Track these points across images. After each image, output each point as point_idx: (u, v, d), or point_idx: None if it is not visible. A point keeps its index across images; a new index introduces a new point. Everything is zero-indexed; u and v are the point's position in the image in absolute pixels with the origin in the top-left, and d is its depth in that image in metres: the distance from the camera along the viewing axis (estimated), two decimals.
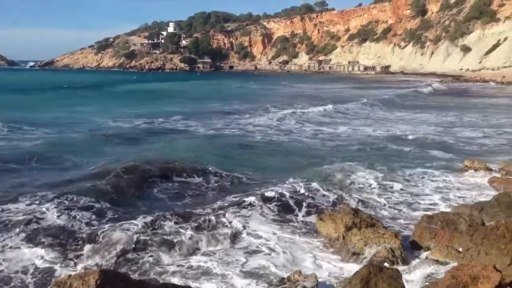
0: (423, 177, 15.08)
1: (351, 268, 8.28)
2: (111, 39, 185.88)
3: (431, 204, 12.33)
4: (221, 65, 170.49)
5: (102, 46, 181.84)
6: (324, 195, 13.09)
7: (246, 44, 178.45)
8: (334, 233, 9.78)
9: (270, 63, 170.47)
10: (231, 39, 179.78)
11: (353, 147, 20.85)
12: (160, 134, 24.22)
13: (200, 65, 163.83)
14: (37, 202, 11.38)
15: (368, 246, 9.11)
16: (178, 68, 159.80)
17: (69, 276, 6.35)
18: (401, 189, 13.84)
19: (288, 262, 8.77)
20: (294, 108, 36.95)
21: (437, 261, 8.52)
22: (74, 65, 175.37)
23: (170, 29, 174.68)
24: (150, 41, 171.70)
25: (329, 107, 37.54)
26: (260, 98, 49.63)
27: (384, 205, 12.39)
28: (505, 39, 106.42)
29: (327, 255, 9.23)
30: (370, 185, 14.15)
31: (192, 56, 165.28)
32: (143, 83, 79.34)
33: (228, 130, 26.12)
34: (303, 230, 10.48)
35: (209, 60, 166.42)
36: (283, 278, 8.00)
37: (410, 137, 23.38)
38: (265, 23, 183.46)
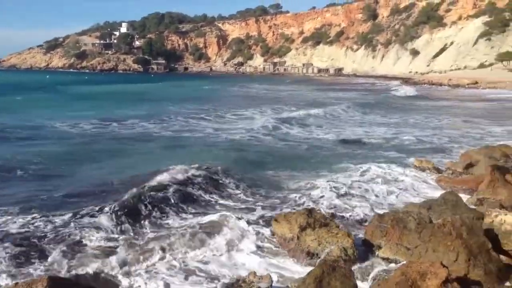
0: (374, 177, 15.46)
1: (305, 267, 8.38)
2: (61, 39, 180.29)
3: (381, 203, 12.65)
4: (176, 66, 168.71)
5: (52, 46, 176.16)
6: (281, 195, 13.21)
7: (201, 45, 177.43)
8: (289, 234, 9.85)
9: (225, 64, 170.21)
10: (185, 40, 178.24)
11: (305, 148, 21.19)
12: (115, 138, 23.70)
13: (154, 66, 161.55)
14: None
15: (321, 246, 9.24)
16: (131, 69, 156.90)
17: (16, 283, 6.12)
18: (352, 188, 14.16)
19: (243, 263, 8.77)
20: (270, 110, 37.03)
21: (388, 259, 8.75)
22: (22, 65, 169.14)
23: (123, 29, 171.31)
24: (102, 41, 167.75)
25: (315, 111, 36.63)
26: (218, 100, 49.51)
27: (337, 205, 12.61)
28: (451, 43, 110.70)
29: (282, 255, 9.29)
30: (324, 186, 14.38)
31: (146, 57, 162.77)
32: (96, 85, 77.38)
33: (189, 133, 25.87)
34: (258, 231, 10.52)
35: (164, 61, 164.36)
36: (238, 280, 8.00)
37: (366, 139, 23.94)
38: (220, 25, 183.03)
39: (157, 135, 24.79)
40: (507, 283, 7.42)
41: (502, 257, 7.91)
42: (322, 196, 13.14)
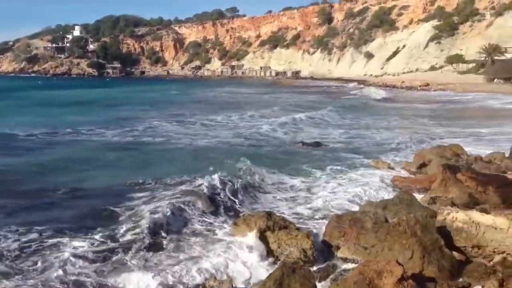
0: (332, 178, 15.72)
1: (265, 270, 8.39)
2: (11, 43, 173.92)
3: (339, 204, 12.84)
4: (132, 70, 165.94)
5: (1, 50, 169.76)
6: (238, 199, 13.20)
7: (158, 49, 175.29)
8: (248, 237, 9.87)
9: (182, 68, 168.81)
10: (141, 44, 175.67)
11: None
12: (68, 144, 23.03)
13: (110, 71, 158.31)
14: None
15: (281, 248, 9.30)
16: (85, 73, 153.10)
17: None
18: (311, 189, 14.37)
19: (203, 268, 8.69)
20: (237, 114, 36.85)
21: (346, 259, 8.90)
22: None
23: (76, 32, 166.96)
24: (54, 45, 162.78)
25: (300, 116, 35.99)
26: (176, 104, 49.06)
27: (297, 206, 12.73)
28: (404, 46, 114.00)
29: (242, 258, 9.27)
30: (283, 188, 14.50)
31: (101, 61, 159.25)
32: (50, 90, 74.99)
33: (147, 137, 25.44)
34: (218, 234, 10.48)
35: (119, 65, 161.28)
36: (198, 285, 7.94)
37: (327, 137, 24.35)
38: (176, 28, 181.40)
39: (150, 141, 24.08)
40: (460, 279, 7.69)
41: (454, 253, 8.18)
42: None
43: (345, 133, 27.51)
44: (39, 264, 8.59)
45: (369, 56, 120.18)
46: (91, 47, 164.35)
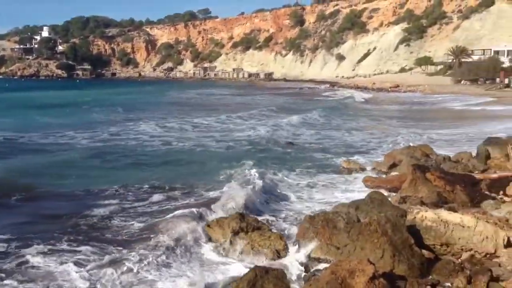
0: (304, 178, 15.85)
1: (239, 271, 8.40)
2: None
3: (311, 204, 12.93)
4: (103, 72, 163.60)
5: None
6: (212, 199, 13.17)
7: (129, 50, 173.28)
8: (222, 239, 9.87)
9: (154, 70, 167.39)
10: (112, 45, 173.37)
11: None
12: (34, 147, 22.49)
13: (80, 72, 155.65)
14: None
15: (254, 249, 9.32)
16: (55, 75, 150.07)
17: None
18: (284, 189, 14.45)
19: (175, 271, 8.64)
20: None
21: (319, 259, 8.96)
22: None
23: (45, 33, 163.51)
24: (22, 46, 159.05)
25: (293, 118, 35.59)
26: (149, 106, 48.57)
27: (269, 207, 12.77)
28: (374, 48, 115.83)
29: (216, 260, 9.26)
30: (256, 188, 14.52)
31: (70, 62, 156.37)
32: (18, 92, 73.16)
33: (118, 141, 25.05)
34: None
35: (89, 67, 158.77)
36: None
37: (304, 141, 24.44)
38: (148, 30, 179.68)
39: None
40: (429, 277, 7.84)
41: (424, 251, 8.35)
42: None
43: (326, 134, 27.67)
44: None
45: (341, 58, 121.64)
46: (60, 48, 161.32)
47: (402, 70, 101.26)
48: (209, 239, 10.08)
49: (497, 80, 63.62)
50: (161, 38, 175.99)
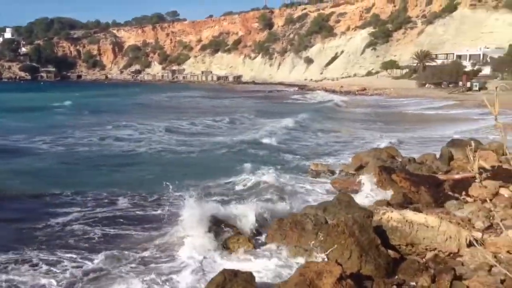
0: (270, 183, 15.90)
1: (207, 276, 8.35)
2: None
3: (280, 206, 12.95)
4: (68, 74, 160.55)
5: None
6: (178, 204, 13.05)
7: (95, 52, 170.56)
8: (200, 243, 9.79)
9: (121, 72, 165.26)
10: (78, 47, 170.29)
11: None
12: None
13: (44, 74, 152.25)
14: None
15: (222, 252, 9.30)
16: (17, 77, 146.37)
17: None
18: (251, 190, 14.49)
19: (142, 279, 8.52)
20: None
21: (288, 261, 9.01)
22: None
23: (7, 35, 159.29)
24: None
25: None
26: (117, 109, 47.81)
27: (237, 208, 12.74)
28: (342, 52, 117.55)
29: (183, 264, 9.18)
30: (225, 190, 14.50)
31: (34, 64, 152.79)
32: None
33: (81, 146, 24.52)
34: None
35: (54, 69, 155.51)
36: None
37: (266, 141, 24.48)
38: (115, 31, 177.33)
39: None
40: (395, 276, 7.98)
41: (390, 251, 8.49)
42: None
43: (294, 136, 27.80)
44: None
45: (309, 61, 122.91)
46: (24, 50, 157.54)
47: (369, 73, 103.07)
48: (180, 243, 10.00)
49: (460, 83, 65.45)
50: (128, 40, 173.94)
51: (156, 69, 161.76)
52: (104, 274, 8.56)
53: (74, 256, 9.32)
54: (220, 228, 9.96)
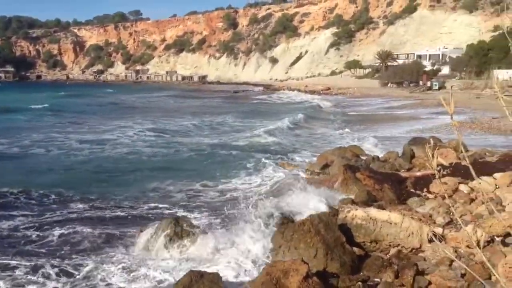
0: (240, 180, 15.92)
1: (174, 277, 8.28)
2: None
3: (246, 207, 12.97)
4: (27, 74, 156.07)
5: None
6: (147, 205, 12.90)
7: (56, 52, 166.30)
8: (156, 244, 9.69)
9: (83, 72, 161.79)
10: (37, 47, 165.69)
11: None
12: None
13: (2, 75, 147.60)
14: None
15: (189, 254, 9.24)
16: None
17: None
18: (218, 192, 14.45)
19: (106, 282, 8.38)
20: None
21: (255, 261, 9.02)
22: None
23: None
24: None
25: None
26: (80, 110, 46.74)
27: (203, 208, 12.69)
28: (306, 52, 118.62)
29: (149, 267, 9.07)
30: (191, 192, 14.40)
31: None
32: None
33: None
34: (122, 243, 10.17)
35: (12, 69, 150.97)
36: None
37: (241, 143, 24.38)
38: (76, 31, 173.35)
39: None
40: (360, 273, 8.12)
41: (355, 249, 8.63)
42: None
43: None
44: None
45: (274, 61, 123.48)
46: None
47: (333, 73, 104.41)
48: (142, 246, 9.86)
49: (420, 83, 67.09)
50: (90, 39, 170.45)
51: (119, 69, 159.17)
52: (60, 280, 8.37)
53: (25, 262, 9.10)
54: (185, 231, 9.87)
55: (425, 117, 36.65)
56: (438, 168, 2.48)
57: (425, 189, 12.23)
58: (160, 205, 13.06)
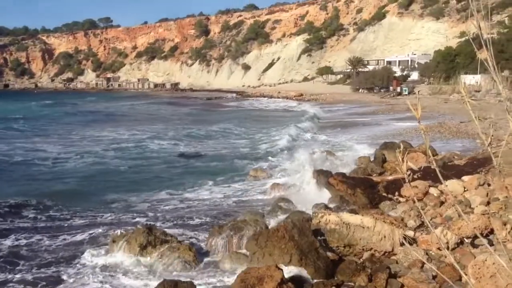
0: (212, 187, 15.86)
1: (148, 286, 8.18)
2: None
3: (220, 213, 12.92)
4: None
5: None
6: (120, 215, 12.69)
7: (24, 60, 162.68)
8: (129, 254, 9.54)
9: (52, 80, 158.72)
10: (4, 55, 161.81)
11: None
12: None
13: None
14: None
15: (163, 263, 9.14)
16: None
17: None
18: (191, 199, 14.36)
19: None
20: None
21: (230, 268, 8.99)
22: None
23: None
24: None
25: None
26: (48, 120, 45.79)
27: (176, 218, 12.58)
28: (278, 58, 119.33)
29: (122, 276, 8.92)
30: (163, 201, 14.27)
31: None
32: None
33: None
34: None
35: None
36: None
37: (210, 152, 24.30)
38: (44, 38, 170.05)
39: None
40: (335, 277, 8.16)
41: (329, 253, 8.68)
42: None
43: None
44: None
45: (247, 67, 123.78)
46: None
47: (305, 79, 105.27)
48: (115, 255, 9.70)
49: (391, 88, 68.23)
50: (59, 47, 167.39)
51: (89, 77, 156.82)
52: None
53: None
54: (158, 239, 9.75)
55: (396, 123, 37.19)
56: (408, 172, 2.51)
57: (396, 193, 12.41)
58: (125, 215, 12.88)
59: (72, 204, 13.84)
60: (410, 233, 9.24)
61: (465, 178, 12.04)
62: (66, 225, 12.01)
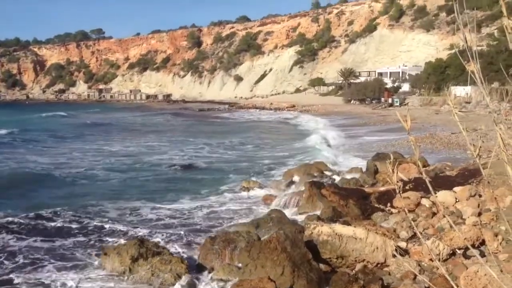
0: (203, 198, 15.83)
1: None
2: None
3: (211, 226, 12.87)
4: None
5: None
6: (110, 227, 12.61)
7: (15, 71, 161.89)
8: (120, 267, 9.47)
9: (44, 92, 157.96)
10: None
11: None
12: None
13: None
14: None
15: (155, 275, 9.07)
16: None
17: None
18: (180, 209, 14.32)
19: None
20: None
21: (222, 280, 8.94)
22: None
23: None
24: None
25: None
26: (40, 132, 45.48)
27: (167, 229, 12.52)
28: (270, 70, 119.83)
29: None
30: (154, 212, 14.19)
31: None
32: None
33: None
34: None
35: None
36: None
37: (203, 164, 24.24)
38: (36, 50, 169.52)
39: None
40: None
41: (321, 265, 8.66)
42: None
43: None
44: None
45: (239, 79, 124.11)
46: None
47: (297, 90, 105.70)
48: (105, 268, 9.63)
49: (382, 99, 68.69)
50: (50, 58, 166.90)
51: (81, 88, 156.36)
52: None
53: None
54: (150, 251, 9.69)
55: (388, 134, 37.33)
56: (399, 183, 2.53)
57: (388, 204, 12.42)
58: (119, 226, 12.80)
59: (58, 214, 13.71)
60: (403, 244, 9.25)
61: (456, 189, 12.09)
62: (56, 233, 11.90)
